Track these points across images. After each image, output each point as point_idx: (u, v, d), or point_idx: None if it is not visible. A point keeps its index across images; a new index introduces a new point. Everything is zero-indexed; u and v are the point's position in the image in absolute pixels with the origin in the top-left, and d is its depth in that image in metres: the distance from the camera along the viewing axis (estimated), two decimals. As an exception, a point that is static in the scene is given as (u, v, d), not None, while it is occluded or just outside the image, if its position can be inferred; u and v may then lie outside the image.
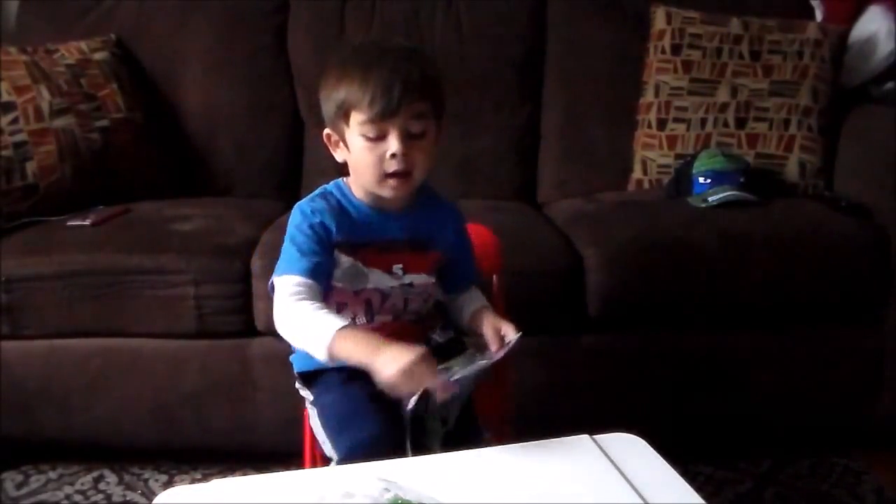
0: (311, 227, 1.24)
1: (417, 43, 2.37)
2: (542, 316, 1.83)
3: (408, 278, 1.29)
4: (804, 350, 1.96)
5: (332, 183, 1.33)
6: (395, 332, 1.23)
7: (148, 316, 1.84)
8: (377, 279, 1.27)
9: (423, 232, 1.31)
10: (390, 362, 1.08)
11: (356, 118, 1.20)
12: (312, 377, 1.32)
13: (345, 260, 1.26)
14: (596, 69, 2.39)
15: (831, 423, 2.04)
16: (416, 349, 1.10)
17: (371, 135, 1.20)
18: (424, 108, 1.22)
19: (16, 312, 1.83)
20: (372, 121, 1.19)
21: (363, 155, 1.22)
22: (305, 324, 1.17)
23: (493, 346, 1.25)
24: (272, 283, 1.24)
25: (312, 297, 1.20)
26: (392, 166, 1.21)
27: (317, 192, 1.31)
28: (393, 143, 1.20)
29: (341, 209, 1.27)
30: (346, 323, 1.15)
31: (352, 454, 1.17)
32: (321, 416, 1.29)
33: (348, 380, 1.25)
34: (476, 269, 1.41)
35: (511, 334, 1.24)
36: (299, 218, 1.26)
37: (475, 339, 1.32)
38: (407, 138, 1.21)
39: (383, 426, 1.18)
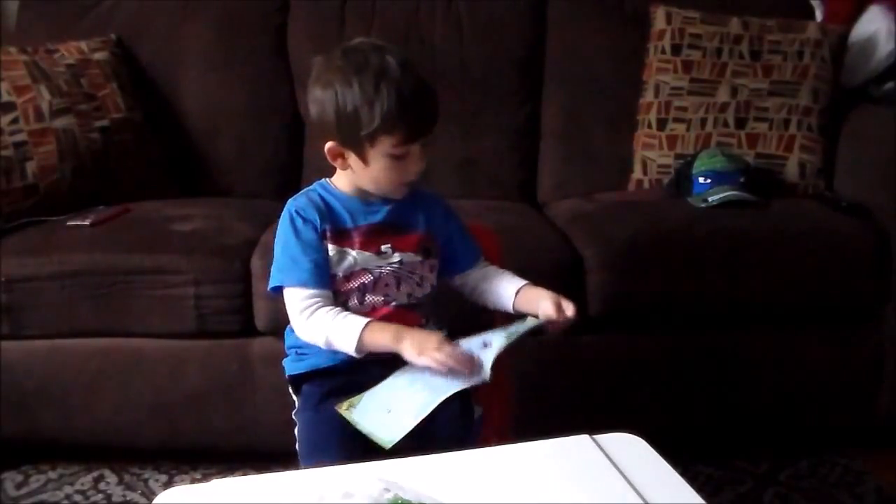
0: (299, 228, 1.30)
1: (417, 43, 2.38)
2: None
3: (397, 256, 1.33)
4: (804, 350, 1.96)
5: (315, 183, 1.39)
6: (387, 317, 1.30)
7: (148, 316, 1.84)
8: (365, 260, 1.31)
9: (405, 215, 1.36)
10: (413, 349, 1.21)
11: (387, 142, 1.26)
12: (299, 382, 1.37)
13: (330, 248, 1.31)
14: (596, 69, 2.39)
15: (831, 423, 2.04)
16: (435, 335, 1.23)
17: (398, 154, 1.27)
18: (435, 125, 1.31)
19: (16, 312, 1.83)
20: (403, 144, 1.26)
21: (387, 172, 1.29)
22: (330, 331, 1.26)
23: (552, 314, 1.29)
24: (276, 289, 1.31)
25: (325, 304, 1.28)
26: (412, 177, 1.32)
27: (300, 192, 1.37)
28: (417, 162, 1.29)
29: (324, 202, 1.34)
30: (366, 321, 1.26)
31: None
32: (298, 433, 1.33)
33: (325, 398, 1.30)
34: (477, 246, 1.44)
35: (570, 310, 1.29)
36: (287, 221, 1.32)
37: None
38: (421, 149, 1.30)
39: (345, 457, 1.18)
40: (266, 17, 2.44)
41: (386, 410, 1.24)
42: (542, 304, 1.30)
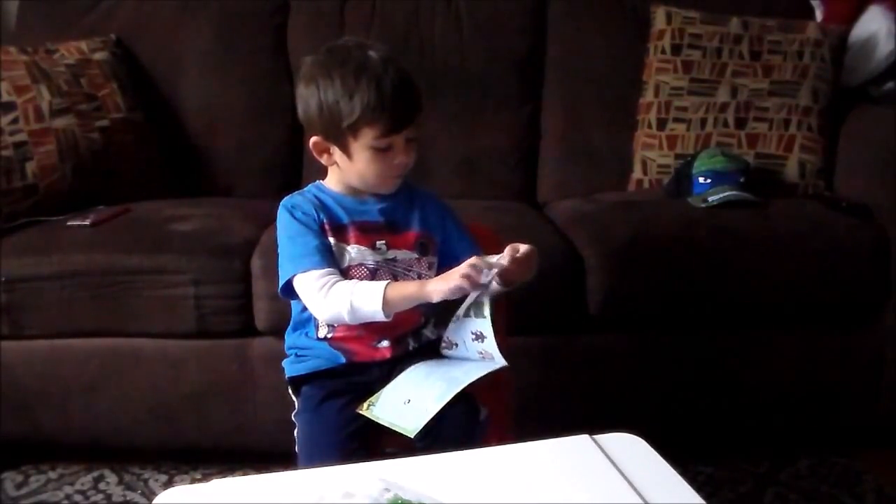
0: (298, 219, 1.32)
1: (417, 43, 2.38)
2: (542, 316, 1.83)
3: (391, 253, 1.34)
4: (804, 350, 1.96)
5: (309, 185, 1.41)
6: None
7: (148, 316, 1.84)
8: (361, 255, 1.32)
9: (399, 213, 1.38)
10: (440, 283, 1.23)
11: (369, 134, 1.27)
12: (299, 383, 1.37)
13: (330, 241, 1.32)
14: (596, 69, 2.39)
15: (831, 423, 2.04)
16: (454, 270, 1.23)
17: (381, 147, 1.29)
18: (420, 118, 1.32)
19: (16, 312, 1.83)
20: (385, 136, 1.27)
21: (371, 165, 1.31)
22: (353, 298, 1.25)
23: (505, 258, 1.28)
24: (286, 283, 1.31)
25: (340, 278, 1.29)
26: (397, 171, 1.33)
27: (293, 193, 1.39)
28: (400, 154, 1.31)
29: (319, 200, 1.36)
30: (388, 281, 1.27)
31: None
32: (298, 434, 1.34)
33: (325, 399, 1.31)
34: (476, 244, 1.44)
35: (522, 249, 1.27)
36: (285, 216, 1.34)
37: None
38: (406, 143, 1.31)
39: (345, 459, 1.18)
40: (266, 17, 2.44)
41: (406, 401, 1.25)
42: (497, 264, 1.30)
